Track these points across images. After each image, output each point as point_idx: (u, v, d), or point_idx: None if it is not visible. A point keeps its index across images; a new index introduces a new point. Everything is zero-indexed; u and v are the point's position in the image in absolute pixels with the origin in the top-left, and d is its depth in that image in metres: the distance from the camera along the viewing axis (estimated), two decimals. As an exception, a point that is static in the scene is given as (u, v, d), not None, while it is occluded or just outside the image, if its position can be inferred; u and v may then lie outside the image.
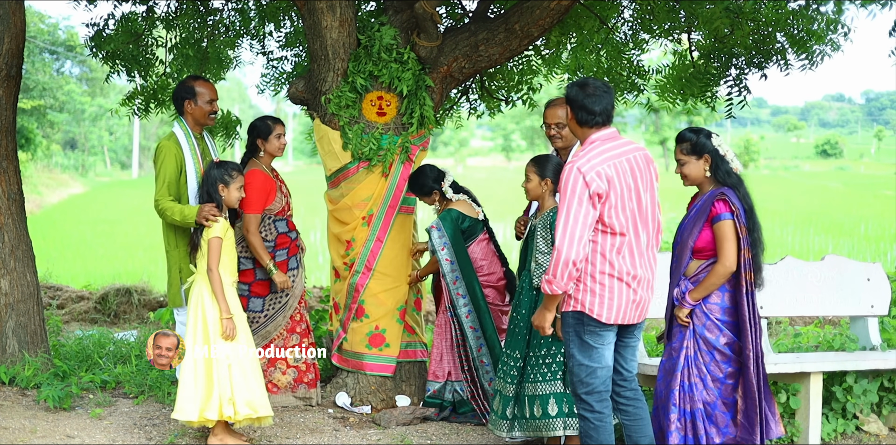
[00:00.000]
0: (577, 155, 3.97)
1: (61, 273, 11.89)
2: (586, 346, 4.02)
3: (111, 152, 51.62)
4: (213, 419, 4.66)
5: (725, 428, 4.26)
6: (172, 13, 7.30)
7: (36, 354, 5.92)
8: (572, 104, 4.03)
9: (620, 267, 3.96)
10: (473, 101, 7.41)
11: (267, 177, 5.43)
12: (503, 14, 5.84)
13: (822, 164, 65.92)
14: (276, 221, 5.52)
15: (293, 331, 5.62)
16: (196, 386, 4.66)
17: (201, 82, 5.32)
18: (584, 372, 4.04)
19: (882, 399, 5.47)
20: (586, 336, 4.01)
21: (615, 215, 3.92)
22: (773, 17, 5.83)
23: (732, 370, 4.25)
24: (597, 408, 4.07)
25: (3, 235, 5.88)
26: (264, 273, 5.46)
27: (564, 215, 3.86)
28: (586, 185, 3.86)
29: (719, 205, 4.19)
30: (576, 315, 4.02)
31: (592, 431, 4.07)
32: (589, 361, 4.03)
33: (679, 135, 4.36)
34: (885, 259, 14.76)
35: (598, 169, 3.89)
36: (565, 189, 3.89)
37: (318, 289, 10.06)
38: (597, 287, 3.96)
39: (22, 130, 26.33)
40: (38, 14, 30.59)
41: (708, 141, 4.25)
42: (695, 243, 4.24)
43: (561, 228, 3.86)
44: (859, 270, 5.79)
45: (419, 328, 5.87)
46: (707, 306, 4.25)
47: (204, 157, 5.20)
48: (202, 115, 5.26)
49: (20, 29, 5.88)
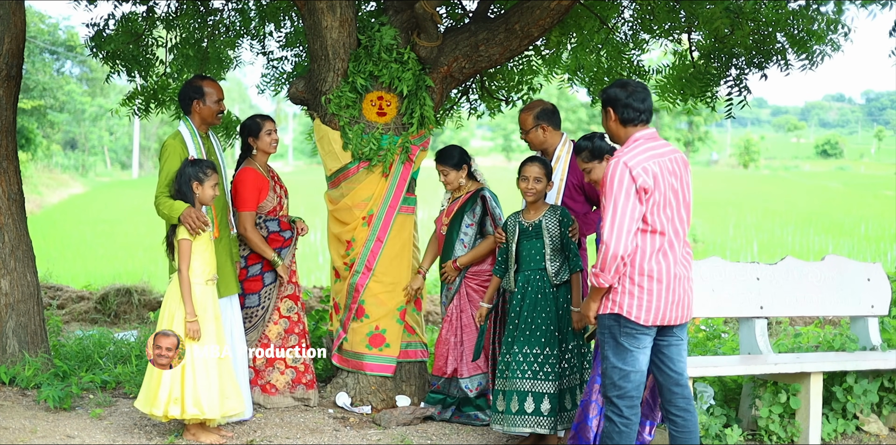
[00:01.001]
0: (622, 151, 3.96)
1: (61, 273, 11.90)
2: (621, 349, 3.99)
3: (111, 152, 51.63)
4: (159, 415, 4.74)
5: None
6: (172, 13, 7.30)
7: (36, 354, 5.92)
8: (615, 104, 4.02)
9: (661, 267, 3.93)
10: (474, 101, 7.41)
11: (258, 174, 5.48)
12: (503, 14, 5.84)
13: (822, 164, 65.95)
14: (267, 220, 5.55)
15: (291, 332, 5.63)
16: (151, 382, 4.77)
17: (209, 82, 5.35)
18: (617, 375, 4.00)
19: (882, 399, 5.47)
20: (622, 339, 3.98)
21: (657, 213, 3.91)
22: (773, 17, 5.83)
23: None
24: (626, 414, 4.02)
25: (4, 235, 5.88)
26: (257, 269, 5.51)
27: (612, 209, 3.84)
28: (633, 179, 3.85)
29: None
30: (612, 317, 3.99)
31: (616, 434, 4.03)
32: (623, 364, 3.99)
33: (575, 147, 4.51)
34: (885, 259, 14.79)
35: (644, 165, 3.89)
36: (611, 183, 3.87)
37: (319, 289, 10.06)
38: (635, 290, 3.93)
39: (22, 130, 26.34)
40: (39, 14, 30.63)
41: (603, 142, 4.43)
42: None
43: (608, 222, 3.84)
44: (859, 270, 5.80)
45: (419, 329, 5.87)
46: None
47: (209, 156, 5.21)
48: (210, 114, 5.29)
49: (20, 29, 5.88)
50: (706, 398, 4.97)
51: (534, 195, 4.90)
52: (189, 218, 4.75)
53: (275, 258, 5.47)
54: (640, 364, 4.00)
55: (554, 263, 4.87)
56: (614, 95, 4.03)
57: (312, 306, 8.59)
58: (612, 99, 4.04)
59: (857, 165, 61.81)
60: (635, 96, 4.00)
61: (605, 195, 3.89)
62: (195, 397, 4.73)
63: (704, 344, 6.64)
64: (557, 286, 4.87)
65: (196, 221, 4.75)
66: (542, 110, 5.21)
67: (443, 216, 5.62)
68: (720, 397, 5.33)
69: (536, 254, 4.89)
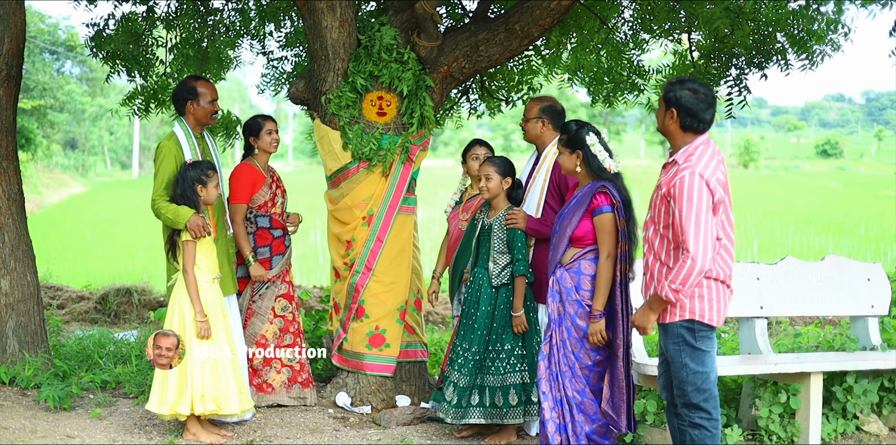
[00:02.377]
0: (691, 160, 3.85)
1: (61, 273, 11.89)
2: (698, 353, 3.96)
3: (111, 152, 51.63)
4: (185, 413, 4.78)
5: (594, 415, 4.37)
6: (172, 13, 7.30)
7: (36, 354, 5.92)
8: (680, 109, 3.90)
9: (721, 270, 3.93)
10: (474, 101, 7.41)
11: (253, 169, 5.55)
12: (503, 14, 5.84)
13: (822, 164, 65.94)
14: (257, 216, 5.56)
15: (286, 331, 5.64)
16: (169, 382, 4.78)
17: (202, 82, 5.35)
18: (700, 379, 3.97)
19: (882, 399, 5.47)
20: (699, 343, 3.95)
21: (724, 221, 3.90)
22: (773, 17, 5.83)
23: (601, 358, 4.35)
24: (714, 415, 4.00)
25: (4, 235, 5.88)
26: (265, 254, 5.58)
27: (695, 223, 3.76)
28: (711, 193, 3.80)
29: (600, 198, 4.30)
30: (685, 324, 3.94)
31: (709, 439, 3.98)
32: (703, 367, 3.96)
33: (563, 125, 4.48)
34: (885, 259, 14.77)
35: (717, 176, 3.83)
36: (691, 197, 3.77)
37: (318, 289, 10.05)
38: (704, 292, 3.92)
39: (22, 130, 26.33)
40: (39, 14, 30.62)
41: (585, 137, 4.34)
42: (573, 232, 4.34)
43: (693, 237, 3.75)
44: (859, 270, 5.80)
45: (419, 329, 5.87)
46: (580, 293, 4.34)
47: (204, 156, 5.21)
48: (204, 115, 5.29)
49: (20, 29, 5.88)
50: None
51: (488, 193, 4.95)
52: (196, 226, 4.80)
53: (248, 257, 5.47)
54: (714, 364, 4.02)
55: (497, 264, 4.91)
56: (685, 100, 3.89)
57: (312, 306, 8.59)
58: (679, 103, 3.91)
59: (857, 165, 61.79)
60: (703, 106, 3.89)
61: (685, 208, 3.78)
62: (215, 394, 4.79)
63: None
64: (497, 287, 4.91)
65: (202, 230, 4.80)
66: (551, 107, 5.22)
67: (459, 212, 5.59)
68: (720, 397, 5.32)
69: (485, 253, 4.97)
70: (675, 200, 3.81)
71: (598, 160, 4.33)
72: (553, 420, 4.37)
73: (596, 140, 4.34)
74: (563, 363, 4.37)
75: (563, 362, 4.37)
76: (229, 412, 4.83)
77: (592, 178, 4.37)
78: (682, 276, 3.79)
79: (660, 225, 3.97)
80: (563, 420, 4.37)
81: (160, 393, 4.80)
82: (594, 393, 4.36)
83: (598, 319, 4.28)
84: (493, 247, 4.91)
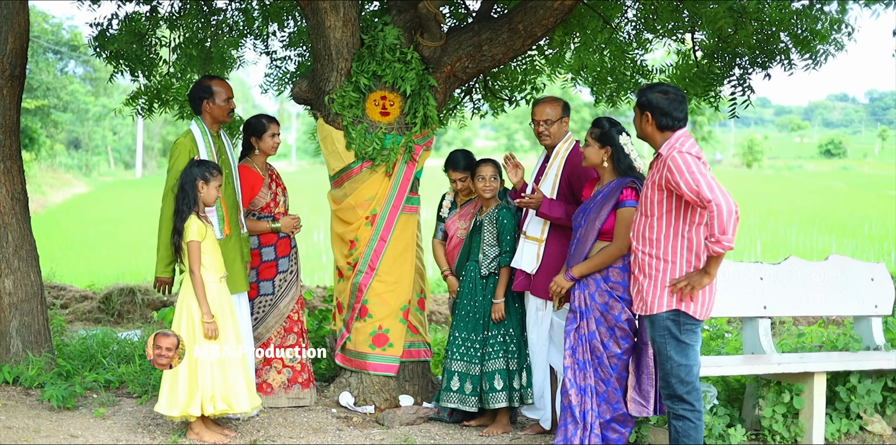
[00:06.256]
0: (674, 147, 4.04)
1: (65, 273, 11.91)
2: (683, 346, 4.09)
3: (115, 152, 51.65)
4: (196, 414, 4.78)
5: (616, 404, 4.45)
6: (176, 13, 7.31)
7: (40, 353, 5.93)
8: (654, 110, 4.10)
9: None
10: (477, 100, 7.41)
11: (252, 172, 5.54)
12: (507, 14, 5.84)
13: (825, 164, 65.84)
14: (260, 217, 5.57)
15: (290, 331, 5.65)
16: (179, 383, 4.78)
17: (217, 81, 5.39)
18: (684, 372, 4.09)
19: (886, 398, 5.46)
20: (683, 336, 4.09)
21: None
22: (776, 17, 5.83)
23: (628, 346, 4.44)
24: (697, 407, 4.12)
25: (7, 234, 5.89)
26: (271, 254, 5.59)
27: (701, 178, 3.88)
28: (699, 158, 3.97)
29: (628, 192, 4.44)
30: (671, 316, 4.08)
31: (693, 431, 4.10)
32: (686, 360, 4.09)
33: (596, 120, 4.59)
34: (888, 259, 14.75)
35: (699, 155, 4.01)
36: (687, 165, 3.93)
37: (322, 289, 10.06)
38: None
39: (26, 129, 26.35)
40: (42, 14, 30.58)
41: (617, 135, 4.49)
42: (602, 225, 4.45)
43: (706, 188, 3.86)
44: (863, 270, 5.79)
45: (423, 328, 5.87)
46: (610, 284, 4.43)
47: (220, 155, 5.25)
48: (220, 113, 5.33)
49: (24, 29, 5.89)
50: (710, 397, 4.97)
51: (491, 192, 5.22)
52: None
53: (270, 225, 5.58)
54: (698, 358, 4.14)
55: (486, 256, 5.23)
56: (655, 101, 4.10)
57: (316, 305, 8.59)
58: (652, 105, 4.11)
59: (860, 165, 61.68)
60: (676, 105, 4.09)
61: (686, 174, 3.91)
62: (225, 393, 4.80)
63: (708, 344, 6.64)
64: (486, 277, 5.24)
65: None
66: (566, 104, 5.22)
67: (456, 220, 5.61)
68: (723, 397, 5.32)
69: (476, 247, 5.28)
70: (672, 175, 3.96)
71: (630, 159, 4.49)
72: (576, 406, 4.46)
73: (628, 140, 4.50)
74: (590, 353, 4.47)
75: (589, 351, 4.47)
76: (240, 410, 4.85)
77: (618, 174, 4.51)
78: (718, 225, 3.84)
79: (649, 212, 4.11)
80: (584, 407, 4.47)
81: (170, 395, 4.79)
82: (619, 382, 4.46)
83: (569, 281, 4.53)
84: (483, 240, 5.24)
